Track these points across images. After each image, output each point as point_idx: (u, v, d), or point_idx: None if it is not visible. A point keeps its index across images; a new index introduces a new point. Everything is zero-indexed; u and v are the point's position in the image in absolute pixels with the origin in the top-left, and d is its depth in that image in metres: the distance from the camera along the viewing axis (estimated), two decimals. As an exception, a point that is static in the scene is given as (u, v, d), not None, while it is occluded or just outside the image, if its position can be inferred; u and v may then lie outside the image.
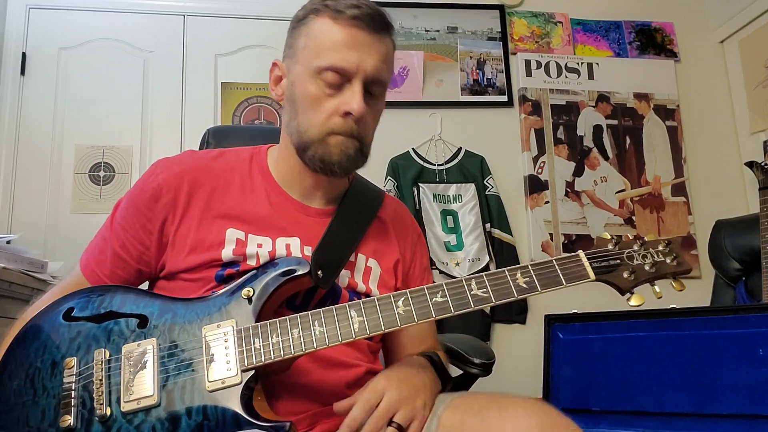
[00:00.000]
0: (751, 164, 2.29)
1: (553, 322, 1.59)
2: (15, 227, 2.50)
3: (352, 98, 0.93)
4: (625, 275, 0.89)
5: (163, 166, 1.02)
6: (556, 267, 0.88)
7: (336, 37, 0.94)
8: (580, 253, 0.90)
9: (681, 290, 0.90)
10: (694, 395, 1.35)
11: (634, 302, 0.89)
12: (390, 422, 0.86)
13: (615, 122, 2.99)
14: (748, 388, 1.27)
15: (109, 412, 0.84)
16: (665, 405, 1.38)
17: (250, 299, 0.90)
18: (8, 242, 1.78)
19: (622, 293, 0.90)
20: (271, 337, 0.86)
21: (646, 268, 0.90)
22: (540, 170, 2.88)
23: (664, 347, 1.42)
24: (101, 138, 2.67)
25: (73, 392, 0.87)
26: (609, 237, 0.93)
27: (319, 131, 0.95)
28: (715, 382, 1.32)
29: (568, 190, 2.88)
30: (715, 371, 1.33)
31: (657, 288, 0.91)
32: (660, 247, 0.92)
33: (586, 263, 0.89)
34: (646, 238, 0.93)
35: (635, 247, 0.92)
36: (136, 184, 1.03)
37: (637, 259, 0.91)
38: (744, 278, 2.10)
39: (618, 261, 0.90)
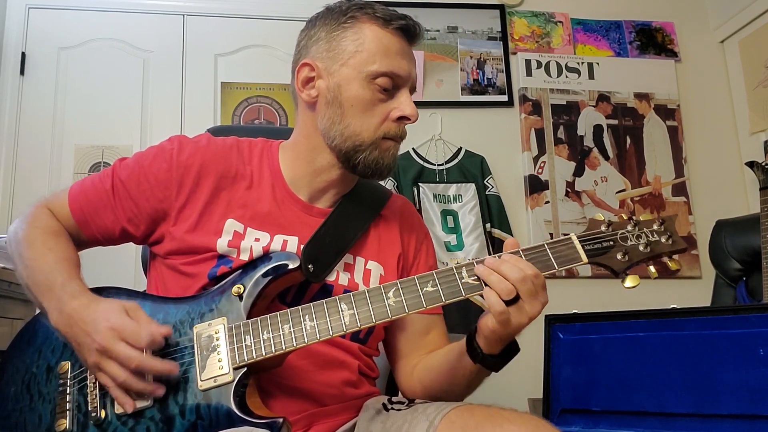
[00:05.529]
0: (751, 164, 2.28)
1: (553, 322, 1.59)
2: (14, 227, 2.50)
3: (407, 104, 0.98)
4: (619, 257, 0.87)
5: (180, 143, 1.02)
6: (548, 251, 0.86)
7: (389, 44, 0.97)
8: (572, 235, 0.88)
9: (677, 269, 0.88)
10: (694, 395, 1.34)
11: (628, 283, 0.86)
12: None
13: (615, 122, 2.98)
14: (749, 388, 1.27)
15: (103, 415, 0.84)
16: (665, 405, 1.37)
17: (240, 296, 0.89)
18: (7, 242, 1.77)
19: (617, 275, 0.88)
20: (262, 334, 0.85)
21: (641, 248, 0.88)
22: (540, 170, 2.87)
23: (665, 347, 1.41)
24: (101, 138, 2.67)
25: (68, 396, 0.87)
26: (602, 218, 0.91)
27: (373, 135, 0.97)
28: (716, 382, 1.31)
29: (569, 190, 2.88)
30: (715, 371, 1.32)
31: (652, 268, 0.89)
32: (654, 227, 0.90)
33: (578, 246, 0.87)
34: (640, 218, 0.91)
35: (629, 228, 0.89)
36: (150, 151, 1.02)
37: (630, 240, 0.89)
38: (744, 278, 2.09)
39: (611, 242, 0.88)
